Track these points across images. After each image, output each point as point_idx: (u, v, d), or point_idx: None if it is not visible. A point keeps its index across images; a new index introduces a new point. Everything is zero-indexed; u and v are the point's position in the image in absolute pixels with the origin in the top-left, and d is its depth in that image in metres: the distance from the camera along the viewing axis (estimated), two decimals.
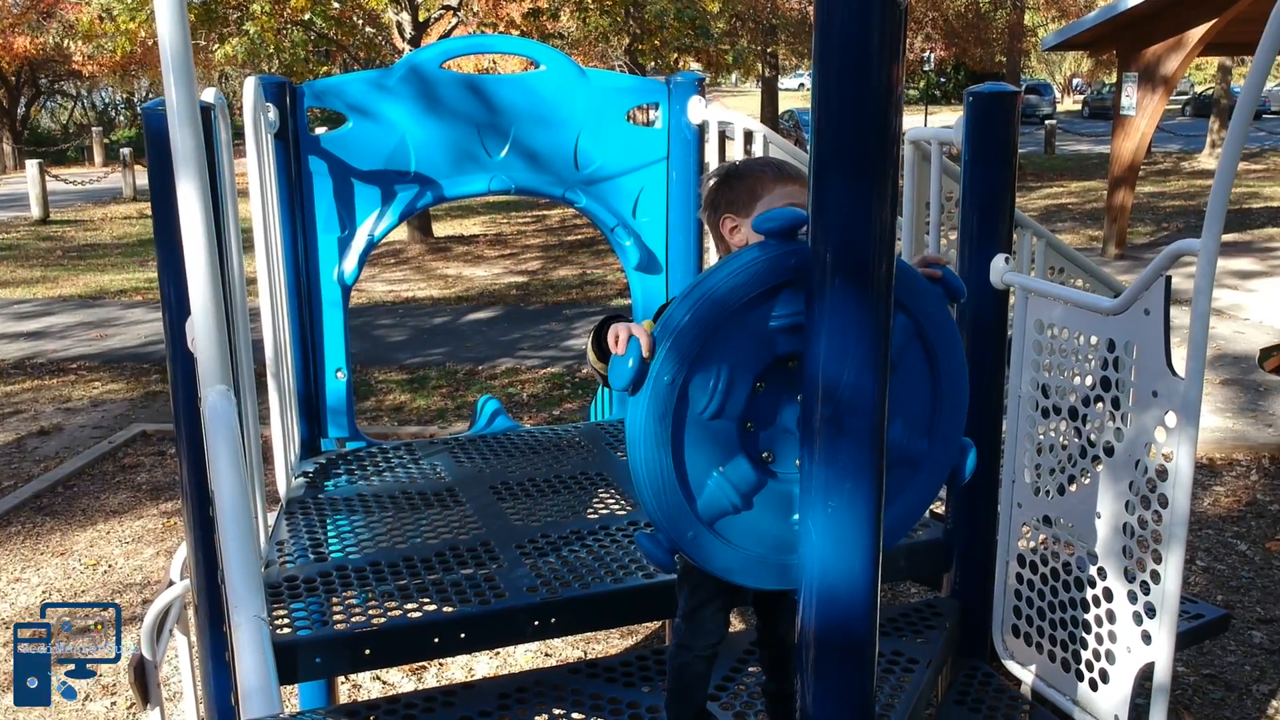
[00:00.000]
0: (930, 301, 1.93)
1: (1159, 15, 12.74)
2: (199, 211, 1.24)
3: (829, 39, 1.64)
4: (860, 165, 1.67)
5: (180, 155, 1.27)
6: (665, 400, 1.82)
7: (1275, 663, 4.90)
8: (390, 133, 3.56)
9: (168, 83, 1.32)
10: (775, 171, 2.15)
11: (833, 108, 1.66)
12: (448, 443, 3.81)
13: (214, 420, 1.21)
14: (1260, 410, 8.12)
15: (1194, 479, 2.36)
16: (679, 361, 1.80)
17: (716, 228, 2.19)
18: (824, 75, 1.65)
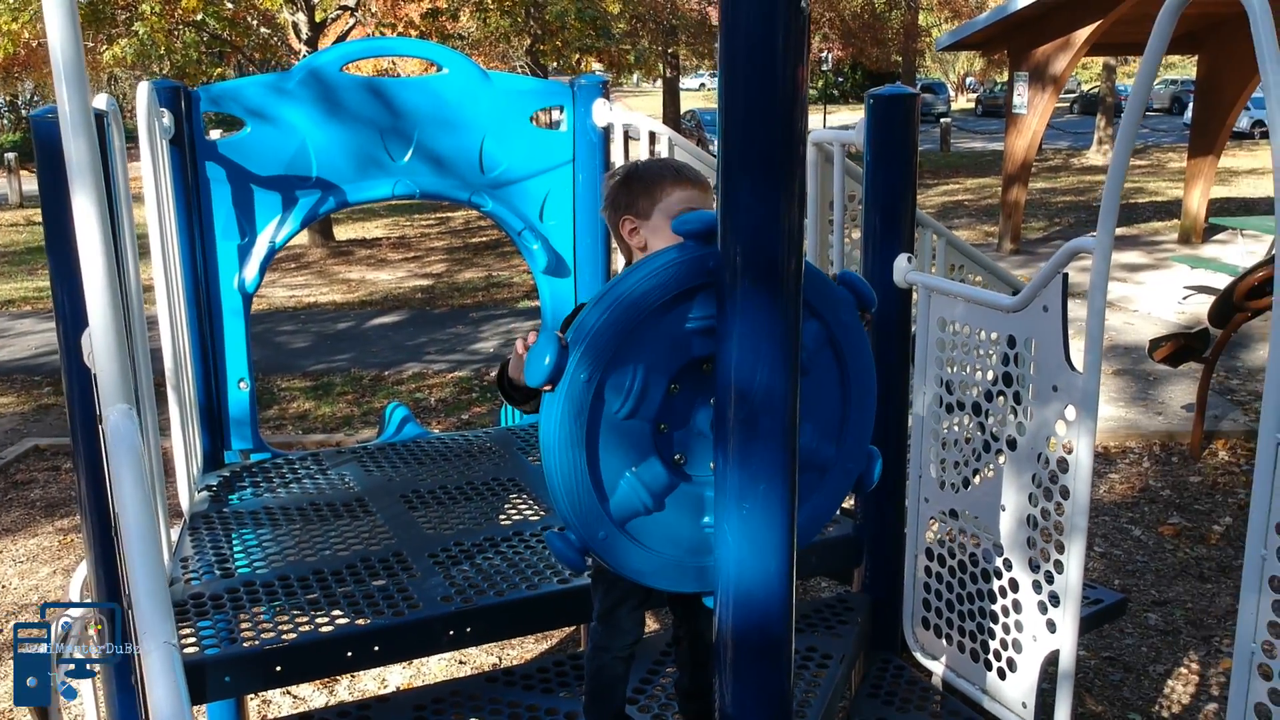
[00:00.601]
0: (843, 309, 1.96)
1: (1047, 17, 13.10)
2: (95, 224, 1.20)
3: (734, 42, 1.65)
4: (768, 167, 1.68)
5: (74, 166, 1.23)
6: (581, 398, 1.82)
7: (1170, 643, 5.06)
8: (290, 137, 3.49)
9: (60, 91, 1.28)
10: (674, 175, 2.16)
11: (739, 111, 1.67)
12: (356, 452, 3.75)
13: (116, 440, 1.17)
14: (1150, 399, 8.39)
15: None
16: (595, 360, 1.80)
17: (616, 227, 2.19)
18: (730, 78, 1.66)
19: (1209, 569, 5.74)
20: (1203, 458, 7.25)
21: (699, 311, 1.83)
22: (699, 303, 1.83)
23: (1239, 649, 2.05)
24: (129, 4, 13.72)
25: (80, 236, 1.21)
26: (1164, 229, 16.13)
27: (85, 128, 1.24)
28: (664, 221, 2.10)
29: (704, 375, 1.89)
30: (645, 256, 1.89)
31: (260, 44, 16.82)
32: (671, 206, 2.11)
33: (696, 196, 2.13)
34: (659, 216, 2.13)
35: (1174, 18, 2.10)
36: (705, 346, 1.85)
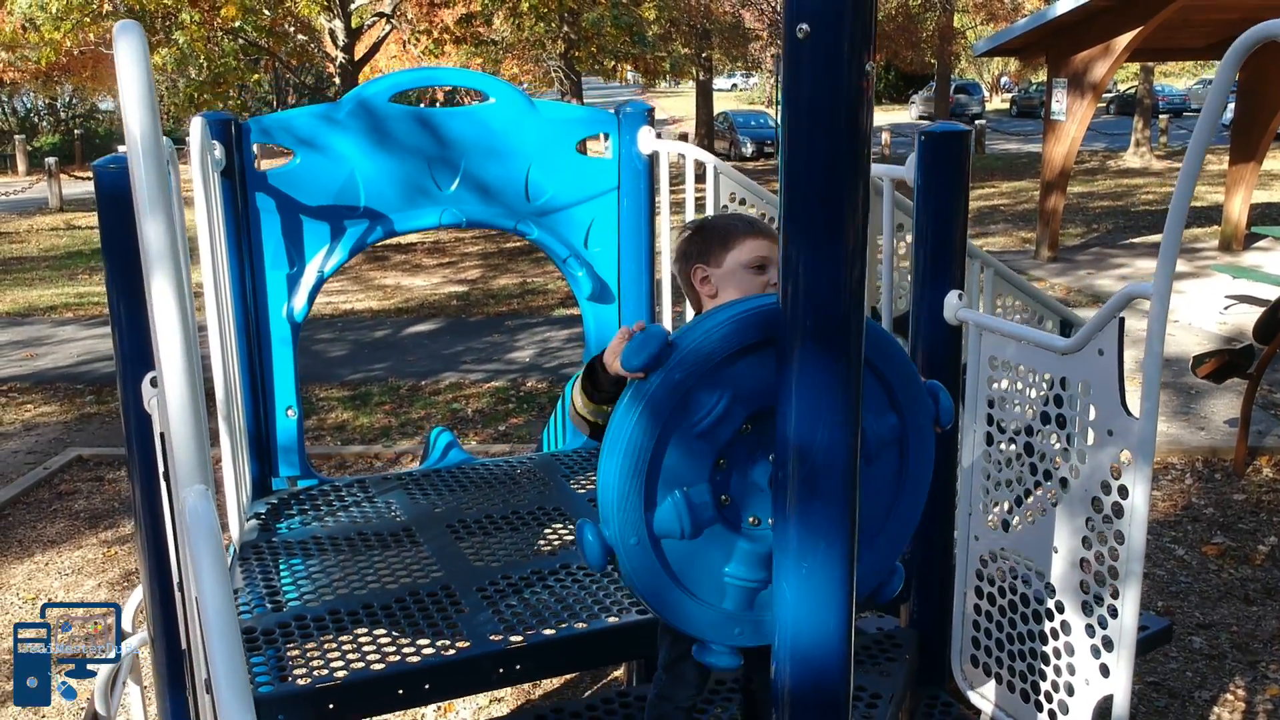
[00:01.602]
0: (923, 414, 1.99)
1: (1087, 23, 12.99)
2: (174, 312, 1.21)
3: (798, 104, 1.65)
4: (831, 228, 1.68)
5: (152, 252, 1.24)
6: (667, 397, 1.84)
7: (1215, 668, 5.01)
8: (339, 167, 3.52)
9: (136, 173, 1.29)
10: (748, 226, 2.20)
11: (801, 173, 1.67)
12: (401, 478, 3.77)
13: (195, 524, 1.18)
14: (1193, 413, 8.31)
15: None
16: (693, 367, 1.83)
17: (687, 278, 2.21)
18: (793, 140, 1.66)
19: (1254, 591, 5.68)
20: (1246, 475, 7.18)
21: None
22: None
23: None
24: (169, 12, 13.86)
25: (158, 320, 1.23)
26: (1204, 235, 15.96)
27: (163, 209, 1.25)
28: (736, 269, 2.14)
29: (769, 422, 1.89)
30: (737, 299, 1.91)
31: (297, 50, 16.95)
32: (742, 255, 2.15)
33: (768, 247, 2.16)
34: (731, 264, 2.16)
35: (1235, 68, 2.08)
36: None
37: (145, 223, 1.25)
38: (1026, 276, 13.42)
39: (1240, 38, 2.07)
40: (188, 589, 1.45)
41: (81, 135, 37.68)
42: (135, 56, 1.30)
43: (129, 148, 1.31)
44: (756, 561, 1.93)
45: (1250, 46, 2.07)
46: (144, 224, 1.26)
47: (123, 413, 2.38)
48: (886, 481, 2.04)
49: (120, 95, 1.29)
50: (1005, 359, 2.77)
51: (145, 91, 1.29)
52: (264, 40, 15.32)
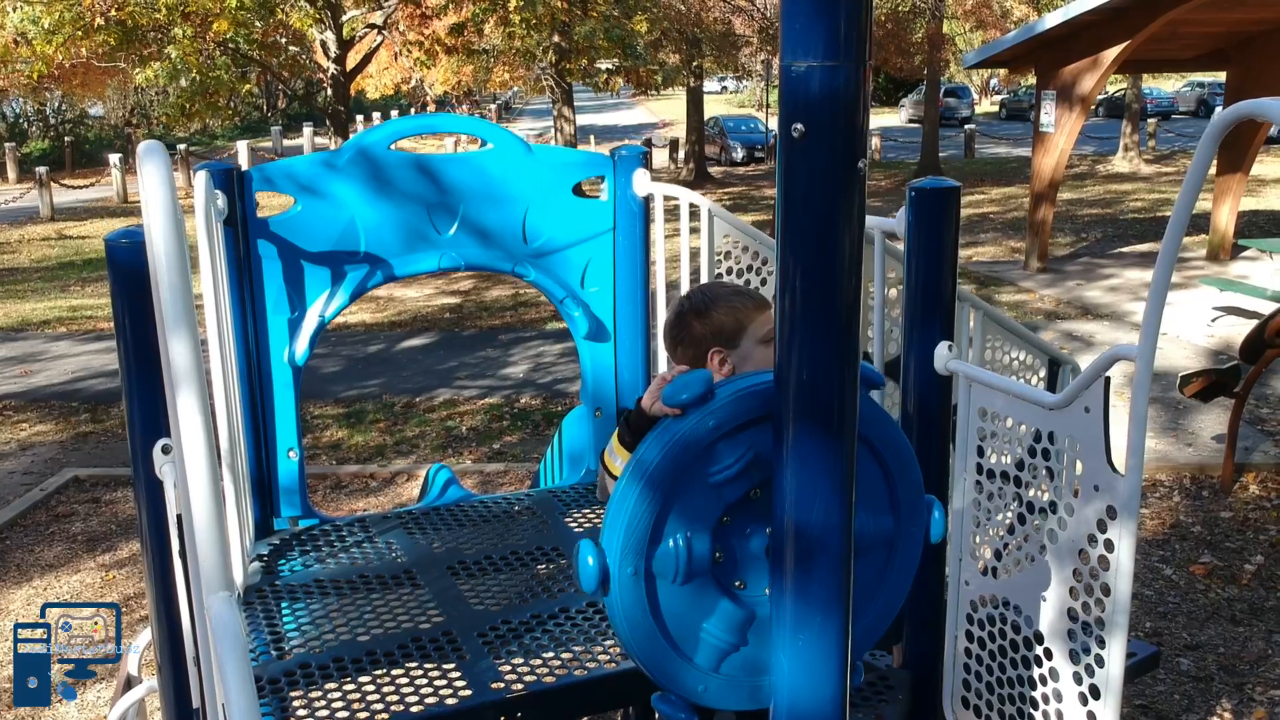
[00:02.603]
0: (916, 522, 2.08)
1: (1075, 36, 13.09)
2: (200, 432, 1.27)
3: (792, 201, 1.71)
4: (829, 324, 1.74)
5: (179, 369, 1.30)
6: (698, 439, 1.89)
7: (1202, 690, 5.09)
8: (339, 213, 3.57)
9: (162, 292, 1.35)
10: (754, 302, 2.27)
11: (797, 266, 1.73)
12: (401, 517, 3.82)
13: (220, 632, 1.24)
14: (1181, 429, 8.40)
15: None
16: (727, 416, 1.89)
17: (702, 362, 2.26)
18: (790, 236, 1.72)
19: (1240, 611, 5.77)
20: (1234, 492, 7.27)
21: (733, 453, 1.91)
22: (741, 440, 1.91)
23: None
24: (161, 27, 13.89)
25: (185, 440, 1.28)
26: (1192, 244, 16.06)
27: (188, 327, 1.31)
28: (754, 347, 2.21)
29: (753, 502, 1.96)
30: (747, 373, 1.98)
31: (289, 61, 16.98)
32: (759, 333, 2.24)
33: (771, 317, 2.21)
34: (749, 343, 2.23)
35: (1216, 143, 2.14)
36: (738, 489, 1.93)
37: (171, 340, 1.30)
38: (1016, 288, 13.52)
39: (1217, 115, 2.13)
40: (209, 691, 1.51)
41: (72, 142, 37.59)
42: (160, 178, 1.35)
43: (153, 267, 1.36)
44: (735, 624, 1.99)
45: (1228, 125, 2.13)
46: (170, 341, 1.31)
47: (134, 478, 2.43)
48: (868, 465, 2.09)
49: (144, 215, 1.35)
50: (994, 410, 2.83)
51: (169, 213, 1.35)
52: (256, 52, 15.35)
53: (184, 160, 29.66)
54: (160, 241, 1.38)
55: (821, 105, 1.66)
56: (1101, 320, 11.82)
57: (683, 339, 2.29)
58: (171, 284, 1.34)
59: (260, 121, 47.93)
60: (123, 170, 27.56)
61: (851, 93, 1.66)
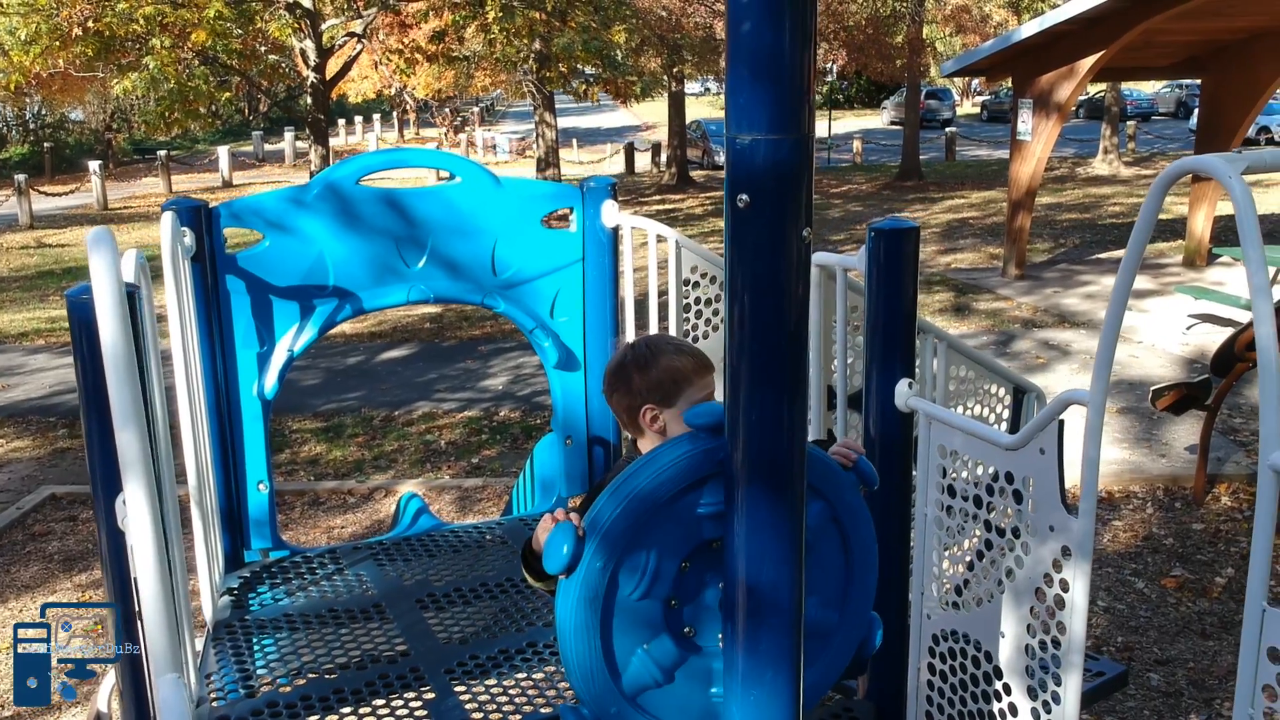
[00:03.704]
0: (846, 489, 2.07)
1: (1051, 45, 13.17)
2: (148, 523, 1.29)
3: (740, 268, 1.74)
4: (775, 382, 1.78)
5: (127, 459, 1.32)
6: (596, 584, 1.93)
7: (1171, 706, 5.14)
8: (308, 248, 3.59)
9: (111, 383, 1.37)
10: (693, 364, 2.27)
11: (744, 330, 1.77)
12: (372, 547, 3.85)
13: (166, 710, 1.26)
14: (1154, 439, 8.47)
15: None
16: (610, 549, 1.92)
17: (636, 414, 2.27)
18: (737, 301, 1.76)
19: (1211, 625, 5.82)
20: (1205, 503, 7.33)
21: (710, 498, 1.94)
22: (709, 489, 1.94)
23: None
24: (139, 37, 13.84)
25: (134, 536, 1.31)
26: (1169, 250, 16.18)
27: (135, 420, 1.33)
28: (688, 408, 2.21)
29: (714, 552, 1.99)
30: (656, 449, 1.99)
31: (268, 70, 16.96)
32: (695, 394, 2.24)
33: (712, 380, 2.23)
34: (685, 404, 2.23)
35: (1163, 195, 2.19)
36: (716, 529, 1.95)
37: (120, 432, 1.33)
38: (994, 295, 13.59)
39: (1165, 170, 2.18)
40: None
41: (51, 148, 37.40)
42: (107, 268, 1.38)
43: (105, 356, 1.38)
44: (669, 662, 2.02)
45: (1175, 178, 2.17)
46: (120, 433, 1.33)
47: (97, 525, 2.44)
48: (835, 558, 2.13)
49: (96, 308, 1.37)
50: (954, 448, 2.87)
51: (116, 308, 1.37)
52: (235, 62, 15.33)
53: (164, 167, 29.57)
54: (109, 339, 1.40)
55: (766, 176, 1.69)
56: (1079, 328, 11.90)
57: (619, 389, 2.31)
58: (119, 381, 1.36)
59: (242, 125, 47.78)
60: (102, 177, 27.45)
61: (795, 165, 1.70)
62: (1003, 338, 11.60)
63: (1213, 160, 2.12)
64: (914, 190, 26.18)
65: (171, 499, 2.77)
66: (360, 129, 46.17)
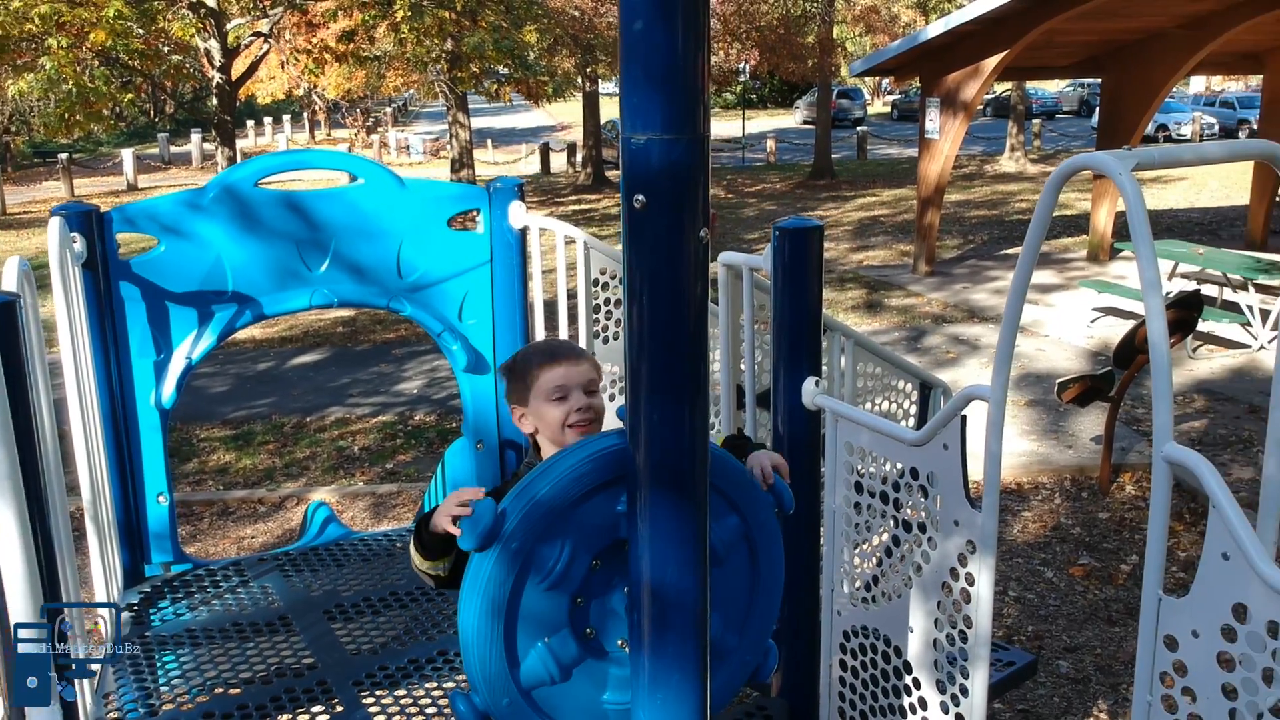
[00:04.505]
0: (762, 508, 2.06)
1: (957, 45, 13.39)
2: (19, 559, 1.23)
3: (639, 269, 1.72)
4: (675, 384, 1.76)
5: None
6: (509, 566, 1.90)
7: (1080, 692, 5.25)
8: (205, 253, 3.50)
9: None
10: (542, 356, 2.25)
11: (643, 331, 1.75)
12: (278, 558, 3.76)
13: None
14: (1061, 431, 8.64)
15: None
16: (528, 532, 1.89)
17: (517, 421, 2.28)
18: (635, 303, 1.74)
19: (1116, 612, 5.95)
20: (1111, 492, 7.50)
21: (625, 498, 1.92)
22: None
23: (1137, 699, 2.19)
24: (35, 37, 13.43)
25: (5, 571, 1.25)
26: (1074, 245, 16.55)
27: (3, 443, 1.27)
28: (542, 405, 2.20)
29: (622, 554, 1.97)
30: (558, 454, 1.96)
31: (171, 70, 16.56)
32: (544, 389, 2.20)
33: (564, 373, 2.20)
34: (536, 400, 2.21)
35: (1056, 192, 2.22)
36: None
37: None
38: (905, 292, 13.78)
39: (1059, 167, 2.21)
40: None
41: None
42: None
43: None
44: (568, 659, 2.00)
45: (1068, 174, 2.21)
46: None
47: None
48: (742, 576, 2.14)
49: None
50: (861, 445, 2.89)
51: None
52: (136, 62, 14.93)
53: (66, 170, 28.76)
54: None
55: (661, 177, 1.68)
56: (987, 323, 12.11)
57: (509, 400, 2.31)
58: None
59: (148, 127, 46.66)
60: (0, 180, 26.59)
61: (690, 165, 1.68)
62: (914, 333, 11.76)
63: (1104, 158, 2.16)
64: (827, 189, 26.46)
65: (62, 514, 2.67)
66: (270, 130, 45.36)
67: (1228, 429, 8.49)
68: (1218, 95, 43.96)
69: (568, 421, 2.19)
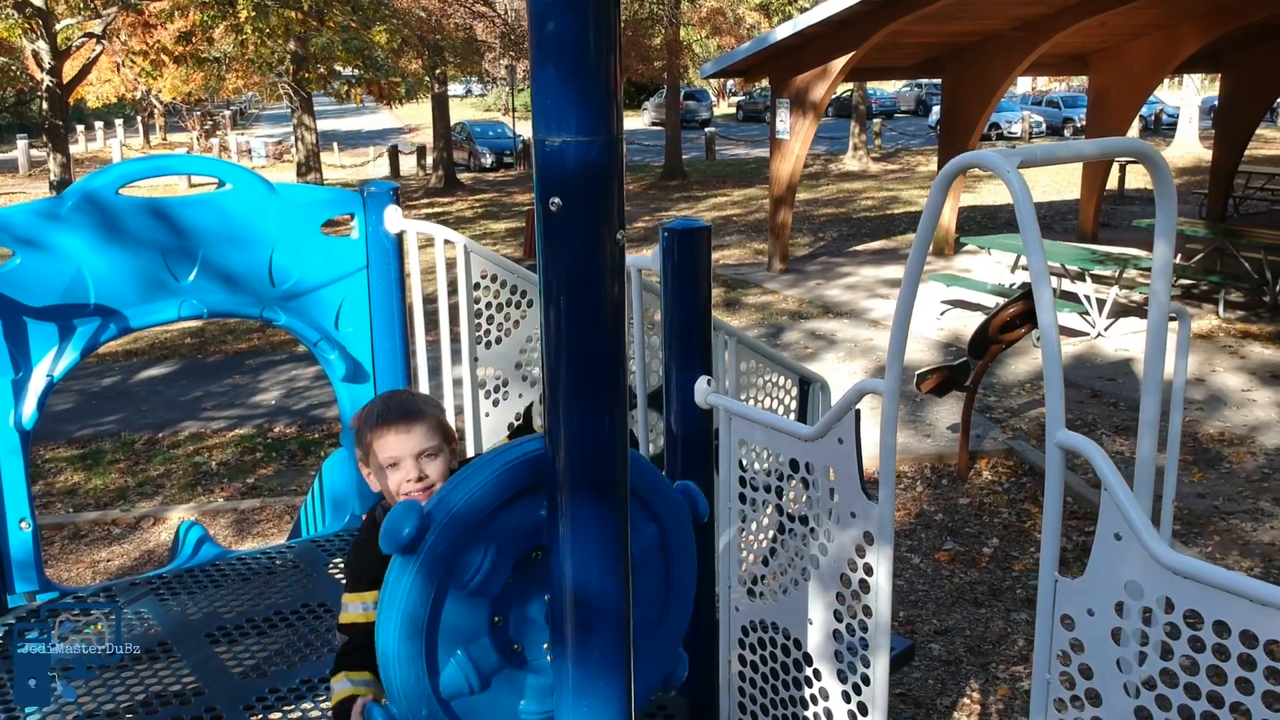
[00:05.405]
0: (680, 515, 2.07)
1: (805, 46, 13.69)
2: None
3: (555, 273, 1.70)
4: (594, 387, 1.75)
5: None
6: (432, 570, 1.87)
7: (953, 673, 5.42)
8: (64, 265, 3.32)
9: None
10: (377, 420, 2.24)
11: (560, 335, 1.73)
12: (151, 581, 3.60)
13: None
14: (919, 420, 8.92)
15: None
16: (453, 536, 1.87)
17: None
18: (552, 307, 1.72)
19: (981, 593, 6.17)
20: (969, 478, 7.77)
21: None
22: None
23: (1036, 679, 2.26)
24: None
25: None
26: None
27: None
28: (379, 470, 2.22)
29: (535, 564, 1.95)
30: (492, 450, 1.95)
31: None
32: (378, 457, 2.23)
33: (398, 442, 2.20)
34: (374, 465, 2.24)
35: (945, 189, 2.29)
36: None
37: None
38: (761, 289, 14.03)
39: (947, 165, 2.28)
40: None
41: None
42: None
43: None
44: (487, 667, 1.98)
45: (956, 172, 2.28)
46: None
47: None
48: (656, 583, 2.15)
49: None
50: (754, 442, 2.92)
51: None
52: None
53: None
54: None
55: (577, 179, 1.66)
56: (842, 318, 12.41)
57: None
58: None
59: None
60: None
61: (607, 166, 1.67)
62: (773, 329, 11.97)
63: (992, 156, 2.23)
64: (678, 189, 26.74)
65: None
66: (101, 135, 43.47)
67: (1074, 414, 8.89)
68: (1044, 95, 46.07)
69: (399, 491, 2.21)
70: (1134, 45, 15.09)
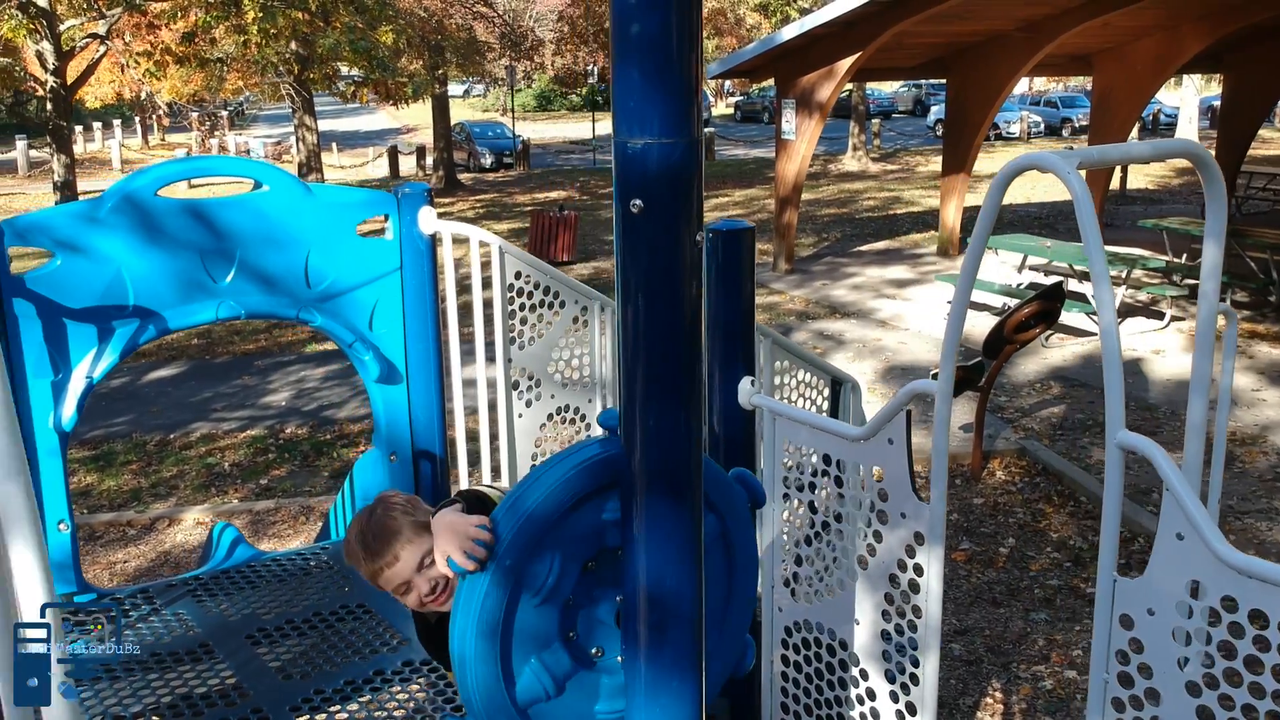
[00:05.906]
0: (739, 505, 2.06)
1: (811, 47, 13.70)
2: None
3: (634, 273, 1.71)
4: (671, 387, 1.75)
5: None
6: (503, 584, 1.86)
7: (974, 673, 5.42)
8: (104, 267, 3.32)
9: None
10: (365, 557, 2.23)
11: (639, 334, 1.74)
12: (188, 583, 3.60)
13: None
14: (932, 420, 8.89)
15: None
16: (520, 550, 1.87)
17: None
18: (630, 306, 1.72)
19: (1000, 593, 6.17)
20: (983, 478, 7.78)
21: (615, 504, 1.90)
22: (614, 497, 1.90)
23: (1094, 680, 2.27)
24: None
25: None
26: (924, 240, 17.12)
27: None
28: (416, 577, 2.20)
29: (616, 560, 1.95)
30: (556, 454, 1.94)
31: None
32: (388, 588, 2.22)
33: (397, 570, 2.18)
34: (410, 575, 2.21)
35: (1001, 192, 2.30)
36: (618, 537, 1.91)
37: None
38: (768, 290, 14.03)
39: (1004, 167, 2.28)
40: None
41: None
42: None
43: None
44: (561, 671, 1.98)
45: (1015, 173, 2.28)
46: None
47: None
48: (719, 573, 2.14)
49: None
50: (799, 443, 2.92)
51: None
52: None
53: None
54: None
55: (659, 181, 1.67)
56: (849, 318, 12.42)
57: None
58: None
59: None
60: None
61: (687, 168, 1.68)
62: (781, 330, 11.97)
63: (1052, 157, 2.24)
64: None
65: None
66: (100, 135, 43.38)
67: (1084, 413, 8.90)
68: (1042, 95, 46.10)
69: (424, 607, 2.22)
70: (1137, 46, 15.12)
